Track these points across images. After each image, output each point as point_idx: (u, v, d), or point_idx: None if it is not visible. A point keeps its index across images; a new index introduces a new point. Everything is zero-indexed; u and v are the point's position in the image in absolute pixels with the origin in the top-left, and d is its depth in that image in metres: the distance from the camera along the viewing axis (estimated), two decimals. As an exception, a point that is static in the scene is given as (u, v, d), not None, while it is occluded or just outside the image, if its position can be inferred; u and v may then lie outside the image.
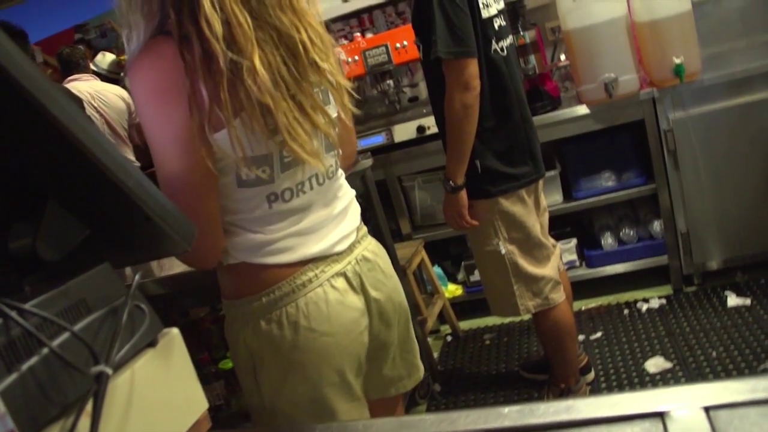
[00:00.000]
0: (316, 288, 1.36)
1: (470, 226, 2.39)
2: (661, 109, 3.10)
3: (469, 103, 2.20)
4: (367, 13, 3.71)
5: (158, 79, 1.19)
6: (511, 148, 2.36)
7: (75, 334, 0.79)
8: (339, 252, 1.42)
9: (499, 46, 2.32)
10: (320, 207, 1.41)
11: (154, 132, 1.22)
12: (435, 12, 2.15)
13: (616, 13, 2.99)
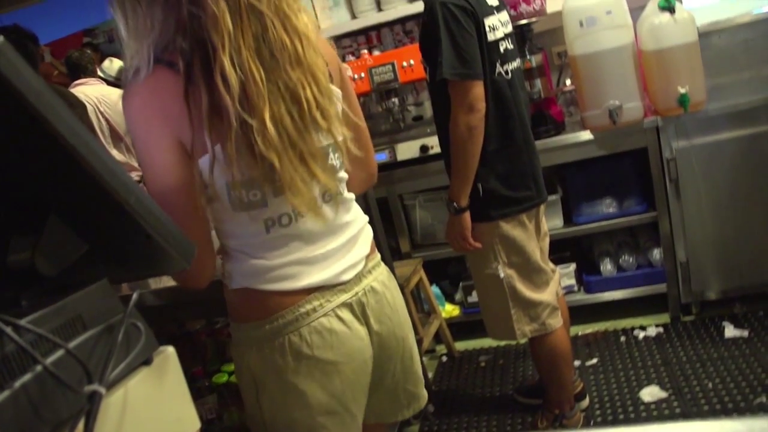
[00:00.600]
0: (320, 317, 1.37)
1: (473, 248, 2.38)
2: (665, 138, 3.10)
3: (473, 124, 2.21)
4: (375, 31, 3.73)
5: (153, 108, 1.22)
6: (514, 172, 2.36)
7: (70, 351, 0.79)
8: (345, 281, 1.41)
9: (503, 69, 2.33)
10: (327, 234, 1.40)
11: (144, 155, 1.26)
12: (442, 33, 2.17)
13: (622, 40, 3.00)
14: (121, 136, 4.36)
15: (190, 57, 1.20)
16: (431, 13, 2.21)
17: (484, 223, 2.36)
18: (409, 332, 1.56)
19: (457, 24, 2.17)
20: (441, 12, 2.17)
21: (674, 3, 2.94)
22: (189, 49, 1.20)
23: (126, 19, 1.24)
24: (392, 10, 3.55)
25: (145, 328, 0.91)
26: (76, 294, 0.85)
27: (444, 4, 2.17)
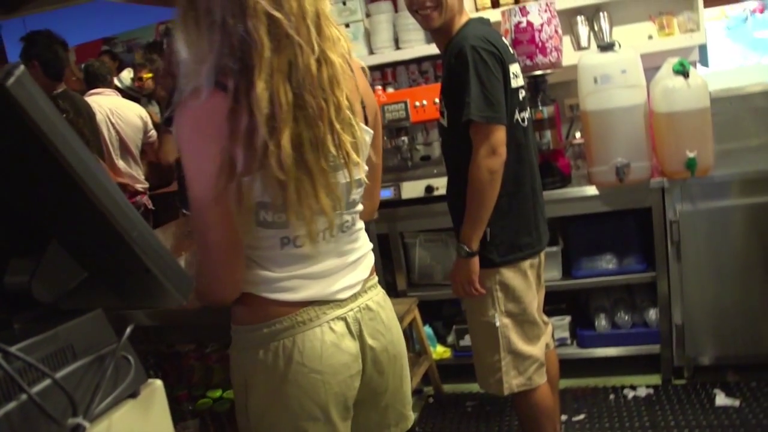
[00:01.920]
0: (314, 327, 1.45)
1: (478, 294, 2.37)
2: (670, 200, 3.11)
3: (495, 168, 2.22)
4: (391, 68, 3.76)
5: (210, 127, 1.28)
6: (520, 219, 2.37)
7: (57, 383, 0.78)
8: (341, 299, 1.50)
9: (521, 117, 2.36)
10: (333, 256, 1.50)
11: (194, 171, 1.32)
12: (471, 76, 2.19)
13: (635, 100, 3.02)
14: (129, 149, 4.38)
15: (237, 80, 1.27)
16: (460, 55, 2.22)
17: (486, 268, 2.35)
18: (402, 351, 1.64)
19: (486, 68, 2.19)
20: (471, 55, 2.19)
21: (689, 68, 2.97)
22: (238, 72, 1.27)
23: (188, 41, 1.30)
24: (409, 49, 3.59)
25: (135, 361, 0.91)
26: (69, 323, 0.85)
27: (474, 48, 2.19)
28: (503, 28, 3.14)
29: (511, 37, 3.07)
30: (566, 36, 3.51)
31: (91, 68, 4.68)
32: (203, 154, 1.28)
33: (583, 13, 3.57)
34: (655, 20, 3.51)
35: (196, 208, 1.34)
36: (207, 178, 1.28)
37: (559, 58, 3.14)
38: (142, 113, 4.53)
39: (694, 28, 3.42)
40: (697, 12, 3.41)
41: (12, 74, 0.71)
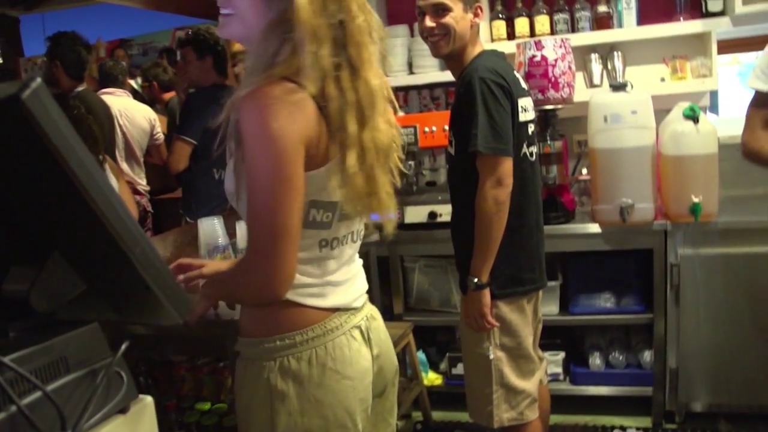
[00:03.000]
0: (340, 335, 1.47)
1: (492, 326, 2.35)
2: (672, 243, 3.10)
3: (501, 199, 2.23)
4: (403, 92, 3.77)
5: (297, 113, 1.31)
6: (522, 253, 2.37)
7: (48, 396, 0.78)
8: (357, 307, 1.53)
9: (528, 151, 2.36)
10: (350, 262, 1.54)
11: (274, 161, 1.30)
12: (479, 107, 2.20)
13: (644, 141, 3.03)
14: (133, 151, 4.39)
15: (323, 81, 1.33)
16: (469, 86, 2.24)
17: None
18: (395, 362, 1.66)
19: (494, 100, 2.20)
20: (480, 87, 2.21)
21: (699, 113, 2.98)
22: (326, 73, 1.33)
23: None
24: (423, 75, 3.61)
25: (127, 377, 0.91)
26: (65, 335, 0.85)
27: (483, 79, 2.21)
28: (517, 61, 3.15)
29: (525, 70, 3.09)
30: (579, 72, 3.53)
31: (105, 67, 4.70)
32: (288, 136, 1.29)
33: (598, 51, 3.58)
34: (669, 63, 3.53)
35: (268, 191, 1.31)
36: (287, 161, 1.29)
37: (570, 93, 3.16)
38: (151, 116, 4.54)
39: (707, 74, 3.44)
40: (710, 58, 3.42)
41: (28, 86, 0.72)
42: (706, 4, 3.36)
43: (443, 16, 2.29)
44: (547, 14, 3.54)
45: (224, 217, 2.28)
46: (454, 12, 2.29)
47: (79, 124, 2.93)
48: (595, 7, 3.51)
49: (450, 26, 2.29)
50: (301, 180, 1.32)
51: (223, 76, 3.65)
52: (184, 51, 3.82)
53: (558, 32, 3.52)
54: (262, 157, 1.30)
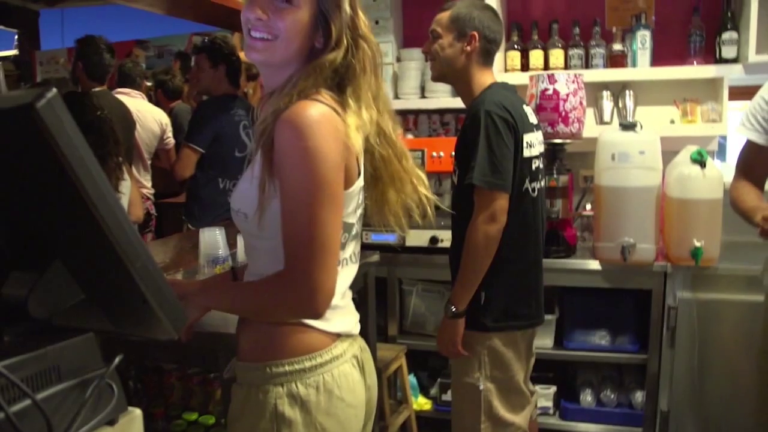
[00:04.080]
0: (344, 363, 1.45)
1: (459, 356, 2.36)
2: (671, 285, 3.10)
3: (491, 235, 2.22)
4: (414, 115, 3.79)
5: (339, 142, 1.33)
6: (519, 287, 2.36)
7: (37, 405, 0.78)
8: (355, 334, 1.53)
9: (531, 186, 2.36)
10: (350, 284, 1.53)
11: (315, 165, 1.30)
12: (480, 140, 2.20)
13: (650, 182, 3.03)
14: (141, 154, 4.40)
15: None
16: (474, 117, 2.25)
17: (478, 332, 2.34)
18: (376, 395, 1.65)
19: (497, 134, 2.20)
20: (484, 119, 2.21)
21: (706, 158, 2.98)
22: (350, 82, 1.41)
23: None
24: (434, 100, 3.62)
25: (118, 389, 0.91)
26: (59, 344, 0.85)
27: (489, 112, 2.21)
28: (529, 93, 3.17)
29: (536, 103, 3.10)
30: (590, 108, 3.54)
31: (124, 68, 4.74)
32: (332, 154, 1.30)
33: (610, 89, 3.60)
34: (679, 106, 3.54)
35: (312, 208, 1.30)
36: (332, 179, 1.31)
37: (580, 129, 3.17)
38: (163, 119, 4.55)
39: (717, 119, 3.45)
40: (721, 104, 3.44)
41: (44, 96, 0.72)
42: (720, 50, 3.38)
43: (433, 42, 2.38)
44: (562, 48, 3.56)
45: (225, 227, 2.28)
46: (442, 39, 2.36)
47: (101, 124, 2.95)
48: (610, 45, 3.53)
49: (434, 52, 2.39)
50: (342, 198, 1.35)
51: (235, 86, 3.67)
52: (198, 58, 3.84)
53: (572, 67, 3.54)
54: (308, 175, 1.29)
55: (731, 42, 3.34)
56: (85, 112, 2.93)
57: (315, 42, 1.39)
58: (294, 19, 1.35)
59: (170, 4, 3.49)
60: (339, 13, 1.38)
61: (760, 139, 2.27)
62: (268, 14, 1.35)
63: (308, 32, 1.37)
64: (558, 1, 3.76)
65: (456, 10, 2.37)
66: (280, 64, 1.39)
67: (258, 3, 1.36)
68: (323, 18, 1.37)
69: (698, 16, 3.46)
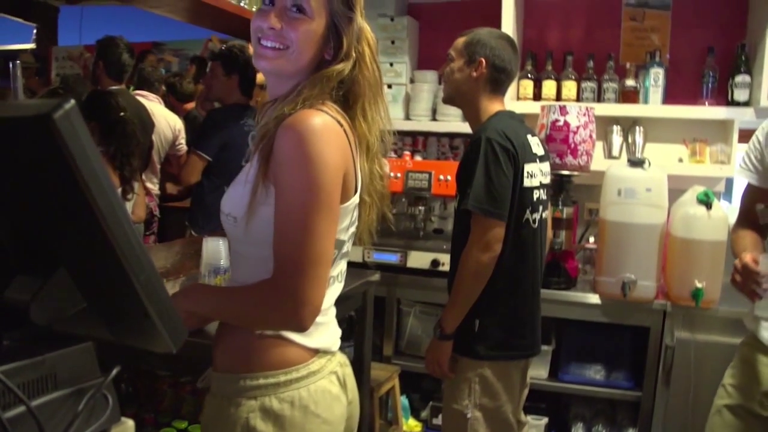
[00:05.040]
0: (321, 378, 1.42)
1: (446, 377, 2.35)
2: (669, 325, 3.09)
3: (484, 262, 2.21)
4: (423, 137, 3.80)
5: (342, 147, 1.34)
6: (514, 319, 2.35)
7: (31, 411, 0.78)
8: (334, 351, 1.50)
9: (531, 217, 2.34)
10: (333, 303, 1.50)
11: (314, 185, 1.28)
12: (479, 166, 2.20)
13: (655, 220, 3.03)
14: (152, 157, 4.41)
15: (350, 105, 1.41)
16: (475, 144, 2.25)
17: (470, 359, 2.33)
18: (358, 411, 1.62)
19: (496, 162, 2.20)
20: (484, 146, 2.21)
21: (713, 199, 2.99)
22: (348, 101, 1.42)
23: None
24: (445, 123, 3.63)
25: (113, 400, 0.91)
26: (58, 352, 0.85)
27: (489, 140, 2.21)
28: (540, 123, 3.18)
29: (546, 133, 3.11)
30: (599, 142, 3.55)
31: (144, 72, 4.80)
32: (332, 164, 1.29)
33: (620, 124, 3.61)
34: (689, 145, 3.55)
35: (308, 217, 1.28)
36: (329, 189, 1.29)
37: (588, 162, 3.18)
38: (177, 125, 4.57)
39: (725, 161, 3.46)
40: (730, 146, 3.44)
41: (61, 107, 0.73)
42: (733, 93, 3.39)
43: (447, 65, 2.42)
44: (575, 80, 3.57)
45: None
46: (453, 63, 2.40)
47: (125, 125, 2.97)
48: (623, 80, 3.54)
49: (446, 74, 2.43)
50: (338, 210, 1.33)
51: (247, 96, 3.68)
52: (213, 64, 3.86)
53: (584, 99, 3.55)
54: (306, 183, 1.27)
55: (744, 85, 3.35)
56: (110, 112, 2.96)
57: (325, 53, 1.39)
58: (307, 29, 1.35)
59: (191, 12, 3.51)
60: (351, 26, 1.38)
61: (753, 179, 2.23)
62: (281, 24, 1.35)
63: (320, 43, 1.37)
64: (574, 34, 3.78)
65: (471, 36, 2.39)
66: (289, 75, 1.39)
67: (271, 12, 1.36)
68: (335, 30, 1.38)
69: (713, 57, 3.47)
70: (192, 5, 3.28)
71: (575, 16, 3.77)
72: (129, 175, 3.11)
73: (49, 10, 6.84)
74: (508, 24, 3.46)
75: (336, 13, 1.37)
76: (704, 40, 3.55)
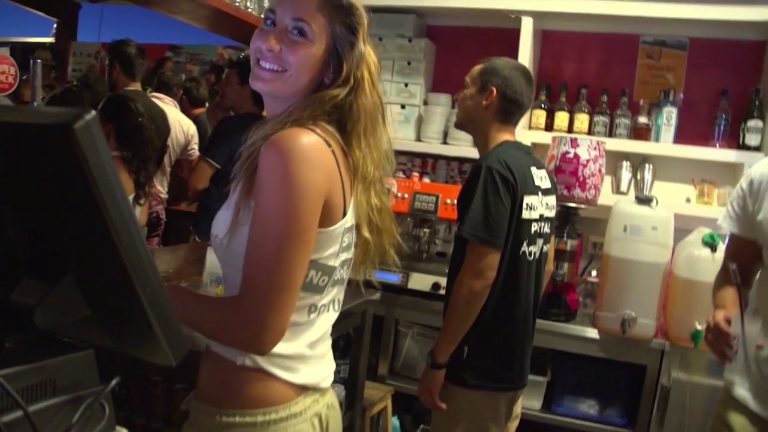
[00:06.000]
0: (302, 422, 1.36)
1: (436, 408, 2.33)
2: (667, 364, 3.08)
3: (477, 290, 2.20)
4: (433, 160, 3.81)
5: (321, 165, 1.29)
6: (504, 350, 2.33)
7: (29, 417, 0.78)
8: (324, 388, 1.43)
9: (528, 250, 2.33)
10: (327, 335, 1.45)
11: (293, 201, 1.25)
12: (477, 194, 2.20)
13: (659, 258, 3.03)
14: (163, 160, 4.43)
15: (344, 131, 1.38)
16: (476, 171, 2.25)
17: (458, 386, 2.31)
18: None
19: (495, 191, 2.20)
20: (484, 174, 2.21)
21: (718, 242, 2.98)
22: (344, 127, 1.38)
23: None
24: (455, 147, 3.64)
25: (109, 409, 0.91)
26: (59, 358, 0.86)
27: (490, 168, 2.21)
28: (550, 153, 3.18)
29: (556, 164, 3.12)
30: (608, 176, 3.55)
31: (164, 76, 4.87)
32: (312, 187, 1.25)
33: (630, 160, 3.61)
34: (697, 186, 3.55)
35: (279, 240, 1.24)
36: (306, 212, 1.25)
37: (596, 196, 3.18)
38: (190, 129, 4.59)
39: (733, 204, 3.45)
40: (739, 189, 3.44)
41: (82, 117, 0.74)
42: (744, 137, 3.39)
43: (462, 91, 2.44)
44: (587, 113, 3.58)
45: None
46: (467, 89, 2.42)
47: (143, 131, 2.99)
48: (635, 117, 3.55)
49: (459, 100, 2.46)
50: (313, 235, 1.27)
51: (259, 107, 3.70)
52: (229, 72, 3.89)
53: (595, 133, 3.56)
54: (281, 202, 1.24)
55: (756, 130, 3.35)
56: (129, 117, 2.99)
57: (325, 77, 1.37)
58: (306, 53, 1.32)
59: (211, 20, 3.55)
60: (353, 51, 1.36)
61: (734, 227, 2.12)
62: (281, 46, 1.32)
63: (319, 67, 1.35)
64: (590, 67, 3.79)
65: (487, 65, 2.40)
66: (285, 96, 1.37)
67: (271, 33, 1.34)
68: (336, 55, 1.35)
69: (726, 100, 3.48)
70: (212, 13, 3.30)
71: (592, 49, 3.79)
72: (144, 180, 3.13)
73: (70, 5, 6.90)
74: (525, 53, 3.48)
75: (338, 37, 1.35)
76: (719, 83, 3.56)
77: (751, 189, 2.04)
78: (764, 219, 1.97)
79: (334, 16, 1.34)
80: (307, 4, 1.33)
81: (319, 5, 1.33)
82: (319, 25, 1.33)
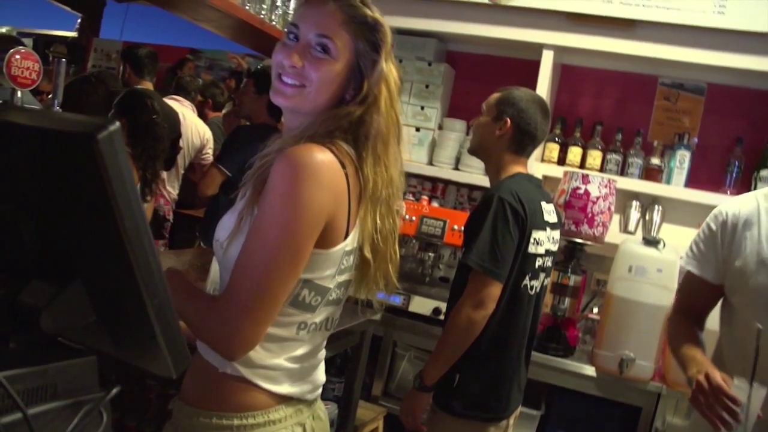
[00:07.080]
0: (282, 429, 1.35)
1: (418, 430, 2.32)
2: (662, 408, 3.06)
3: (475, 319, 2.19)
4: (443, 184, 3.82)
5: (329, 181, 1.28)
6: (495, 381, 2.32)
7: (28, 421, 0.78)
8: (308, 400, 1.42)
9: (530, 284, 2.32)
10: (318, 350, 1.45)
11: (289, 223, 1.25)
12: (486, 223, 2.20)
13: (662, 301, 3.01)
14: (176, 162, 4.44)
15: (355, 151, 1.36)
16: (487, 200, 2.25)
17: (446, 414, 2.30)
18: None
19: (504, 223, 2.19)
20: (495, 205, 2.21)
21: (720, 289, 2.97)
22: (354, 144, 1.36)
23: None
24: (467, 174, 3.64)
25: (107, 417, 0.91)
26: (62, 362, 0.86)
27: (501, 199, 2.21)
28: (560, 187, 3.19)
29: (565, 199, 3.12)
30: (616, 214, 3.54)
31: (182, 81, 4.92)
32: (315, 206, 1.25)
33: (640, 200, 3.61)
34: (705, 231, 3.54)
35: (272, 254, 1.24)
36: (303, 233, 1.25)
37: (603, 233, 3.18)
38: (206, 134, 4.61)
39: (739, 252, 3.44)
40: (747, 238, 3.43)
41: (105, 128, 0.75)
42: (756, 186, 3.38)
43: (477, 118, 2.45)
44: (600, 150, 3.59)
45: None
46: (481, 117, 2.42)
47: (155, 128, 3.01)
48: (648, 157, 3.55)
49: (473, 127, 2.48)
50: (307, 255, 1.27)
51: (275, 117, 3.72)
52: (247, 81, 3.91)
53: (607, 171, 3.56)
54: (280, 215, 1.24)
55: (768, 180, 3.35)
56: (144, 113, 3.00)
57: (346, 94, 1.37)
58: (329, 70, 1.32)
59: (236, 31, 3.58)
60: (375, 69, 1.36)
61: (694, 266, 2.02)
62: (303, 62, 1.32)
63: (341, 83, 1.35)
64: (606, 104, 3.80)
65: (504, 94, 2.40)
66: (306, 112, 1.36)
67: (294, 49, 1.33)
68: (359, 71, 1.35)
69: (740, 147, 3.48)
70: (236, 23, 3.33)
71: (610, 87, 3.80)
72: (150, 177, 3.14)
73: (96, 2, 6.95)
74: (543, 85, 3.49)
75: (361, 55, 1.35)
76: (734, 130, 3.56)
77: (724, 230, 1.94)
78: (744, 266, 1.87)
79: (358, 33, 1.34)
80: (331, 20, 1.32)
81: (344, 21, 1.33)
82: (343, 41, 1.33)
